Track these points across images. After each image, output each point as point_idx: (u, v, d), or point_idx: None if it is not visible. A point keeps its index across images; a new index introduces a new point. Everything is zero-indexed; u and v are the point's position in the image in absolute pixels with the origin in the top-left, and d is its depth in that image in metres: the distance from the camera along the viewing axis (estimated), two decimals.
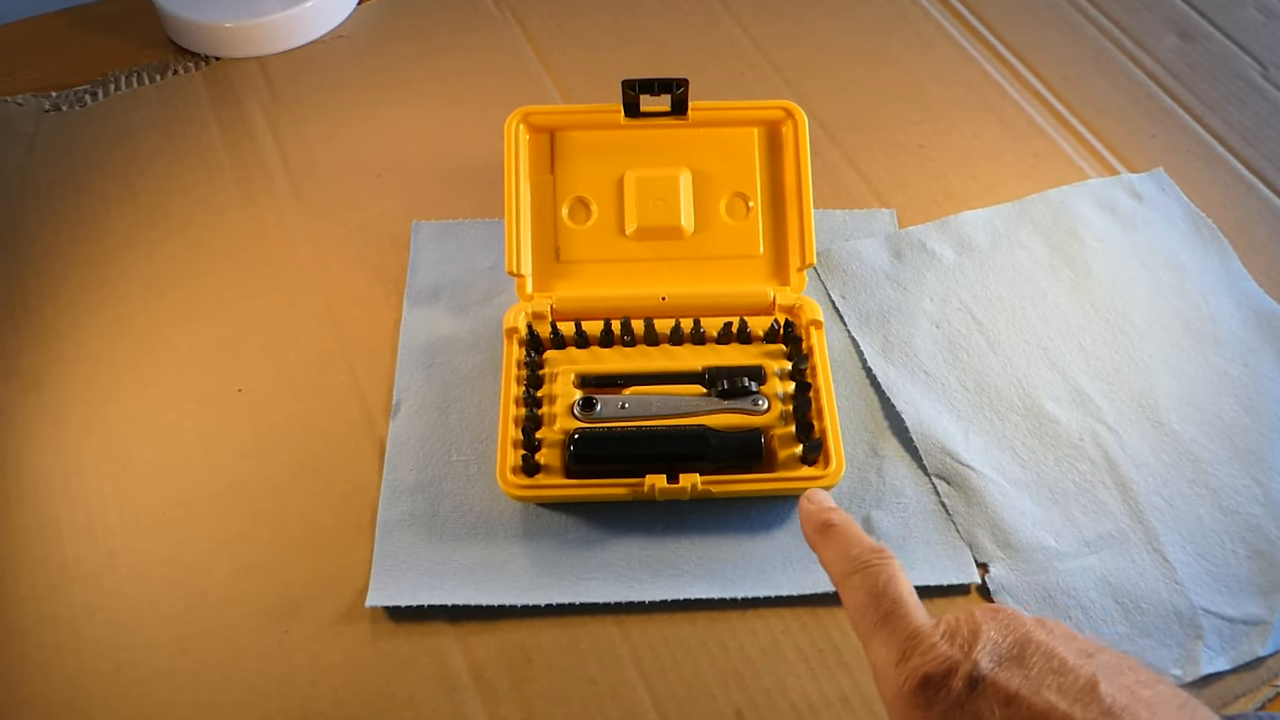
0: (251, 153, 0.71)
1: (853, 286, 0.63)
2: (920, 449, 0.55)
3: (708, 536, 0.53)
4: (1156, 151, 0.71)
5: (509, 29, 0.80)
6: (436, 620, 0.50)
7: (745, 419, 0.54)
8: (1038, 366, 0.59)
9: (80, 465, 0.56)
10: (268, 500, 0.55)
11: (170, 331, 0.62)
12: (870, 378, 0.59)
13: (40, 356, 0.61)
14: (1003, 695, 0.29)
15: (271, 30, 0.77)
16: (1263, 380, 0.58)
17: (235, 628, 0.50)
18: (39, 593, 0.52)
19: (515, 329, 0.57)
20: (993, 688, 0.29)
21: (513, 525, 0.53)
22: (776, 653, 0.49)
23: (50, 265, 0.65)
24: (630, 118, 0.60)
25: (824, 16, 0.80)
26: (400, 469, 0.55)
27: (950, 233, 0.65)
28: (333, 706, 0.48)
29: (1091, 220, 0.66)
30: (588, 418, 0.54)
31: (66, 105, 0.75)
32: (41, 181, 0.70)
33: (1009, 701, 0.29)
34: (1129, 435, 0.56)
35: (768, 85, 0.75)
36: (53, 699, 0.48)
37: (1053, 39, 0.78)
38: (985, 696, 0.29)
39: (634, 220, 0.59)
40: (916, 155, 0.71)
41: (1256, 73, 0.76)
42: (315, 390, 0.59)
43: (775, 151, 0.61)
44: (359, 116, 0.73)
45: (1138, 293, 0.62)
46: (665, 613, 0.50)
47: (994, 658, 0.30)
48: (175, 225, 0.67)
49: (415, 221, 0.66)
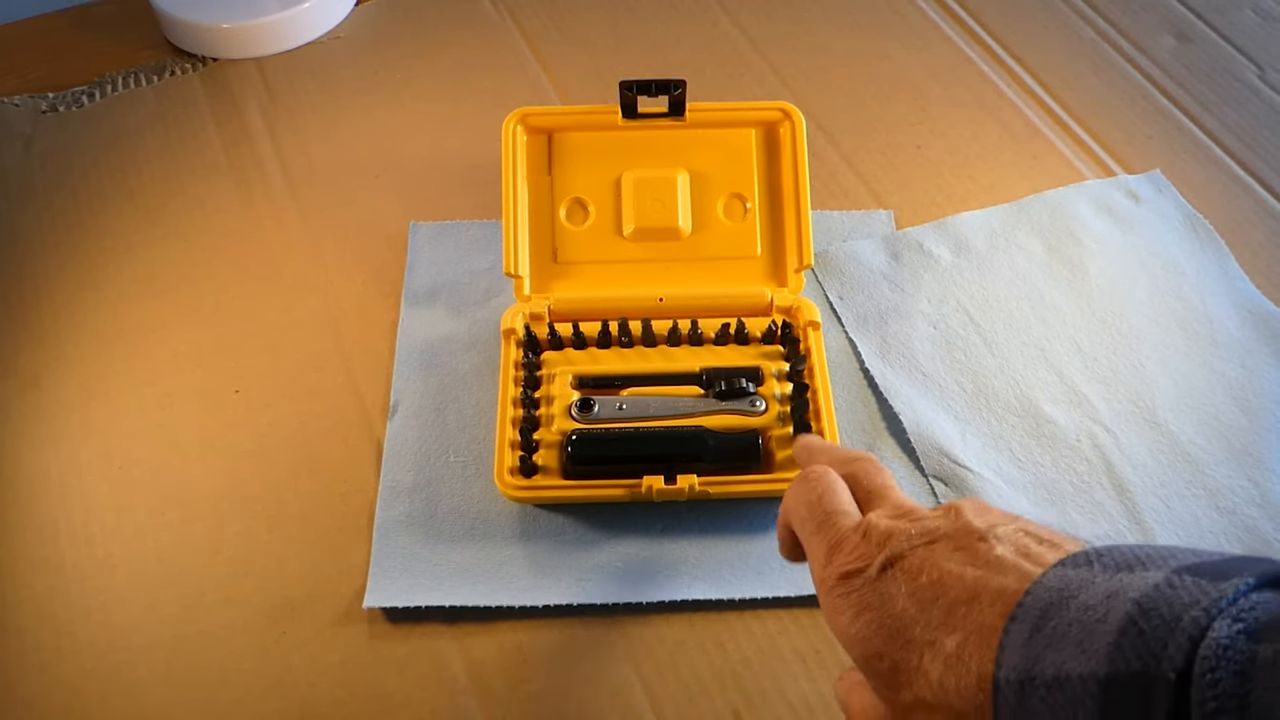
0: (249, 153, 0.71)
1: (850, 287, 0.63)
2: (918, 450, 0.55)
3: (705, 537, 0.53)
4: (1153, 152, 0.71)
5: (507, 30, 0.80)
6: (434, 621, 0.50)
7: (743, 420, 0.54)
8: (1035, 367, 0.59)
9: (78, 466, 0.56)
10: (265, 501, 0.55)
11: (168, 332, 0.62)
12: (868, 379, 0.59)
13: (38, 356, 0.61)
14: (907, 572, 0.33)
15: (269, 31, 0.77)
16: (1259, 381, 0.58)
17: (232, 629, 0.50)
18: (36, 594, 0.52)
19: (513, 330, 0.57)
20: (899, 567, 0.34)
21: (510, 526, 0.53)
22: (774, 653, 0.49)
23: (47, 265, 0.65)
24: (628, 119, 0.60)
25: (822, 18, 0.80)
26: (398, 470, 0.55)
27: (948, 234, 0.65)
28: (330, 707, 0.48)
29: (1089, 221, 0.66)
30: (585, 419, 0.54)
31: (64, 106, 0.75)
32: (39, 182, 0.70)
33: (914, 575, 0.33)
34: (1126, 436, 0.56)
35: (765, 86, 0.75)
36: (50, 700, 0.48)
37: (1050, 40, 0.78)
38: (894, 576, 0.33)
39: (631, 221, 0.59)
40: (914, 156, 0.71)
41: (1253, 74, 0.76)
42: (313, 391, 0.59)
43: (773, 152, 0.61)
44: (356, 117, 0.73)
45: (1135, 293, 0.62)
46: (663, 614, 0.50)
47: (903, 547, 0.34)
48: (173, 226, 0.67)
49: (413, 222, 0.66)
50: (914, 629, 0.32)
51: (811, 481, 0.39)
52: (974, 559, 0.33)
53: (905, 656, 0.32)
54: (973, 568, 0.32)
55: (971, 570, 0.32)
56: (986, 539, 0.33)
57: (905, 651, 0.32)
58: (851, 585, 0.34)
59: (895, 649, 0.32)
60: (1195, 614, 0.26)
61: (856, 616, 0.34)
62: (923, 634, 0.32)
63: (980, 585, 0.32)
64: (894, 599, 0.33)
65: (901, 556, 0.34)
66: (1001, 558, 0.32)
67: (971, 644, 0.30)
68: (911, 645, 0.32)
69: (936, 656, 0.31)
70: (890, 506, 0.37)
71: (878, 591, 0.33)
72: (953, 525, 0.34)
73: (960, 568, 0.32)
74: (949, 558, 0.33)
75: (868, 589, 0.34)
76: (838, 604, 0.34)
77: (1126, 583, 0.28)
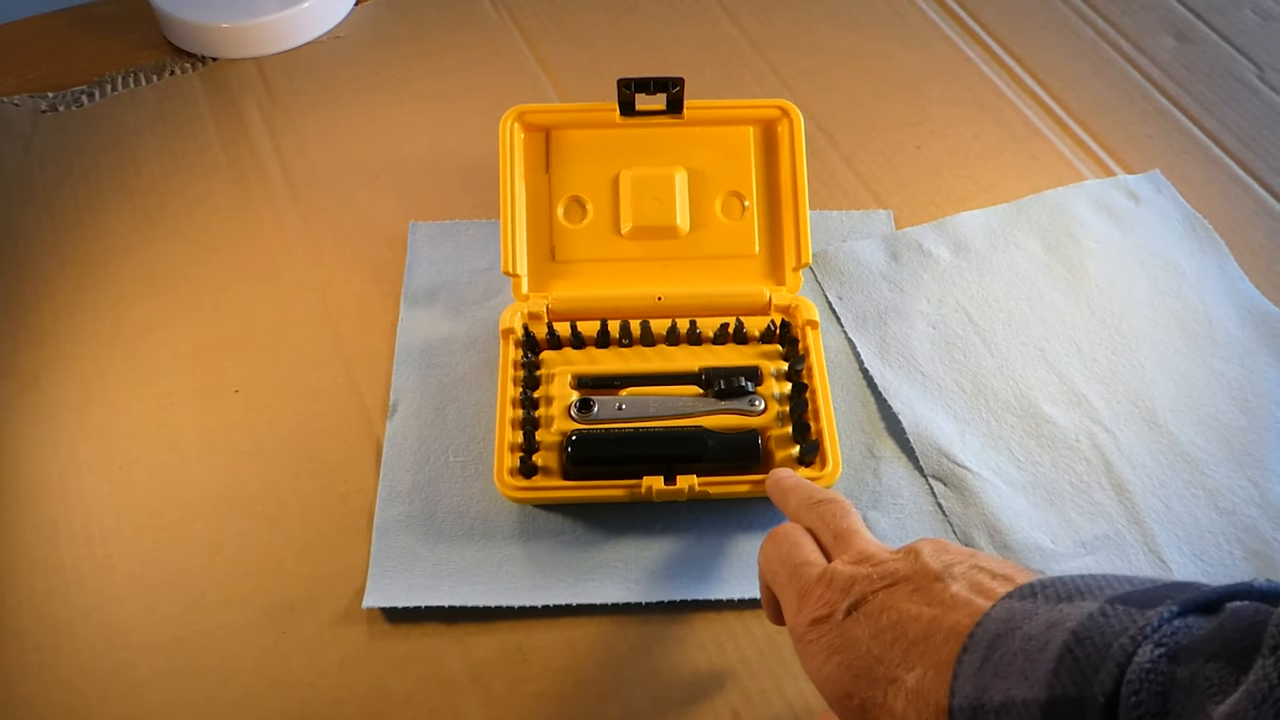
0: (248, 153, 0.71)
1: (849, 287, 0.63)
2: (917, 450, 0.55)
3: (705, 537, 0.53)
4: (1153, 152, 0.71)
5: (506, 29, 0.80)
6: (434, 621, 0.50)
7: (742, 420, 0.54)
8: (1034, 367, 0.59)
9: (77, 466, 0.56)
10: (265, 501, 0.55)
11: (167, 332, 0.61)
12: (867, 379, 0.59)
13: (37, 356, 0.61)
14: (868, 614, 0.35)
15: (269, 31, 0.77)
16: (1259, 381, 0.58)
17: (232, 629, 0.50)
18: (36, 594, 0.52)
19: (511, 330, 0.57)
20: (863, 610, 0.36)
21: (510, 526, 0.53)
22: (774, 653, 0.49)
23: (47, 265, 0.65)
24: (626, 116, 0.60)
25: (821, 16, 0.80)
26: (397, 470, 0.55)
27: (947, 234, 0.65)
28: (330, 707, 0.48)
29: (1088, 221, 0.66)
30: (585, 419, 0.54)
31: (63, 106, 0.75)
32: (38, 182, 0.70)
33: (875, 617, 0.35)
34: (1125, 436, 0.56)
35: (765, 85, 0.75)
36: (50, 700, 0.48)
37: (1050, 40, 0.78)
38: (858, 619, 0.35)
39: (629, 219, 0.59)
40: (914, 156, 0.71)
41: (1253, 74, 0.76)
42: (312, 391, 0.59)
43: (771, 150, 0.61)
44: (356, 117, 0.73)
45: (1134, 293, 0.62)
46: (662, 613, 0.50)
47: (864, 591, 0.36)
48: (172, 226, 0.67)
49: (412, 222, 0.66)
50: (878, 668, 0.34)
51: (779, 540, 0.41)
52: (930, 599, 0.34)
53: (872, 694, 0.34)
54: (928, 607, 0.34)
55: (928, 610, 0.34)
56: (942, 579, 0.35)
57: (871, 689, 0.34)
58: (820, 631, 0.36)
59: (863, 687, 0.34)
60: (1123, 641, 0.28)
61: (827, 660, 0.36)
62: (886, 672, 0.34)
63: (936, 623, 0.33)
64: (859, 641, 0.35)
65: (864, 600, 0.36)
66: (955, 595, 0.34)
67: (930, 678, 0.32)
68: (876, 683, 0.34)
69: (899, 692, 0.33)
70: (854, 553, 0.39)
71: (844, 635, 0.36)
72: (911, 568, 0.36)
73: (918, 608, 0.34)
74: (908, 599, 0.35)
75: (834, 633, 0.36)
76: (810, 649, 0.37)
77: (1065, 613, 0.30)
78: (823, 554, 0.40)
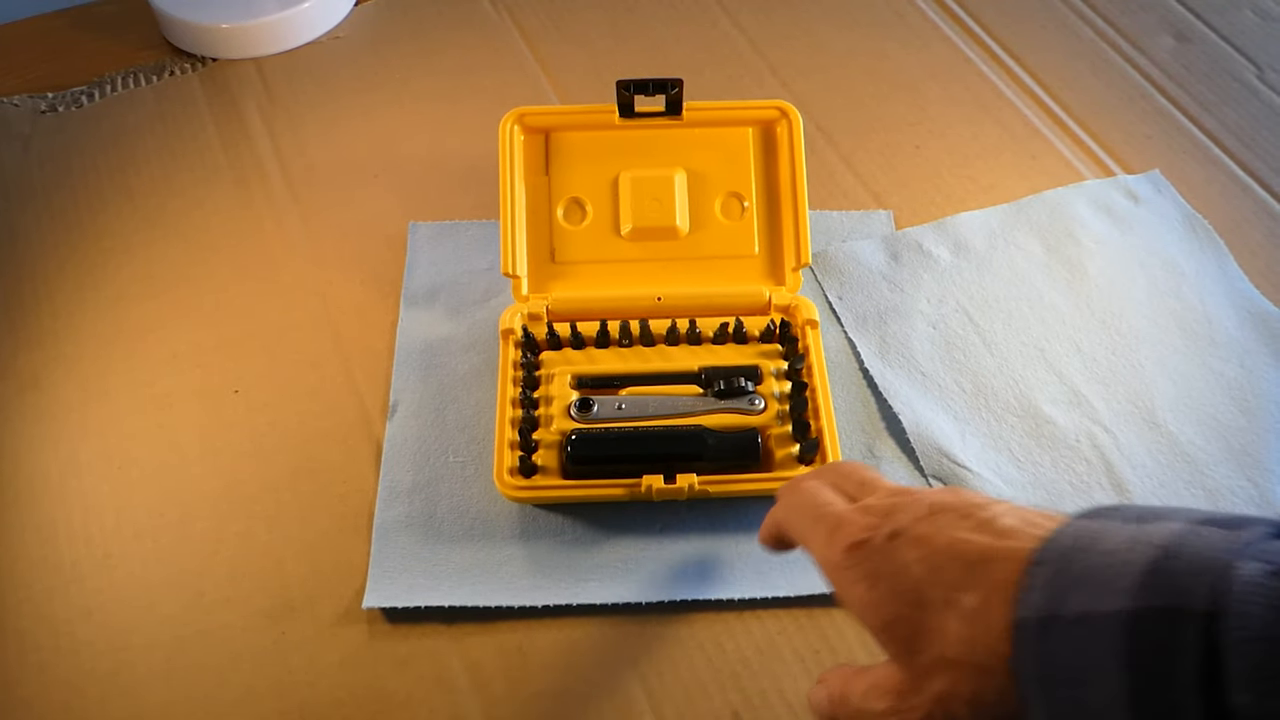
0: (248, 154, 0.71)
1: (849, 288, 0.63)
2: (917, 450, 0.55)
3: (705, 537, 0.53)
4: (1152, 152, 0.71)
5: (506, 30, 0.80)
6: (433, 621, 0.50)
7: (742, 419, 0.54)
8: (1034, 367, 0.59)
9: (77, 466, 0.56)
10: (265, 501, 0.55)
11: (167, 332, 0.61)
12: (867, 379, 0.59)
13: (36, 357, 0.61)
14: (916, 540, 0.34)
15: (268, 31, 0.77)
16: (1259, 381, 0.58)
17: (232, 629, 0.50)
18: (35, 594, 0.52)
19: (511, 330, 0.57)
20: (907, 536, 0.35)
21: (510, 526, 0.53)
22: (774, 653, 0.49)
23: (46, 266, 0.65)
24: (625, 118, 0.60)
25: (821, 16, 0.80)
26: (397, 470, 0.55)
27: (947, 234, 0.65)
28: (329, 707, 0.48)
29: (1088, 221, 0.66)
30: (584, 419, 0.54)
31: (63, 106, 0.75)
32: (38, 182, 0.70)
33: (923, 543, 0.34)
34: (1125, 436, 0.56)
35: (764, 86, 0.75)
36: (50, 700, 0.48)
37: (1049, 40, 0.79)
38: (902, 545, 0.34)
39: (629, 220, 0.59)
40: (913, 156, 0.71)
41: (1252, 74, 0.76)
42: (312, 391, 0.59)
43: (770, 151, 0.61)
44: (356, 117, 0.73)
45: (1134, 294, 0.62)
46: (662, 614, 0.51)
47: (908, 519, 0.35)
48: (171, 226, 0.67)
49: (412, 222, 0.66)
50: (930, 591, 0.33)
51: (799, 489, 0.41)
52: (980, 528, 0.34)
53: (923, 617, 0.33)
54: (980, 535, 0.33)
55: (980, 536, 0.33)
56: (989, 509, 0.34)
57: (922, 613, 0.33)
58: (861, 555, 0.35)
59: (912, 611, 0.33)
60: (1222, 556, 0.28)
61: (871, 586, 0.35)
62: (940, 595, 0.33)
63: (993, 548, 0.33)
64: (906, 565, 0.34)
65: (907, 529, 0.35)
66: (1009, 525, 0.33)
67: (994, 599, 0.31)
68: (929, 606, 0.33)
69: (956, 614, 0.32)
70: (886, 489, 0.39)
71: (889, 559, 0.34)
72: (954, 499, 0.36)
73: (969, 535, 0.33)
74: (956, 525, 0.34)
75: (878, 557, 0.35)
76: (849, 575, 0.35)
77: (1149, 531, 0.30)
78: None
